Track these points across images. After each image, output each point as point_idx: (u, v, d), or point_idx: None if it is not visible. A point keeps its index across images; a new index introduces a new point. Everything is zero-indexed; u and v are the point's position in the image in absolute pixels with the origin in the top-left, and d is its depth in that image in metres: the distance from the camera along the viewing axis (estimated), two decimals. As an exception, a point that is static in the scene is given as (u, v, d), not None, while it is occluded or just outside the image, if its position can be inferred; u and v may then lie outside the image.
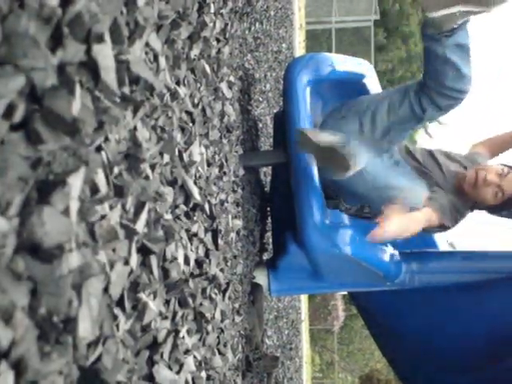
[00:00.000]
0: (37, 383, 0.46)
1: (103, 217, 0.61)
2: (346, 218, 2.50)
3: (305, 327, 12.84)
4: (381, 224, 1.71)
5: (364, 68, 2.46)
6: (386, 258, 2.20)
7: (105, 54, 0.60)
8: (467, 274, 2.30)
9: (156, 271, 0.79)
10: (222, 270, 1.33)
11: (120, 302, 0.67)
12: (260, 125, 2.83)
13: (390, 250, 2.22)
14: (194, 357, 0.98)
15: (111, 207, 0.64)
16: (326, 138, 1.91)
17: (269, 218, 2.84)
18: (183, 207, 1.00)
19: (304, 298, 12.26)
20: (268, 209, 2.79)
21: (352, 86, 2.39)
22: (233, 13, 1.75)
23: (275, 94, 3.80)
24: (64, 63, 0.54)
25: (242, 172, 1.87)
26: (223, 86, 1.49)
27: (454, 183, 2.15)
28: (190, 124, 1.09)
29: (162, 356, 0.81)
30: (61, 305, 0.49)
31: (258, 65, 2.81)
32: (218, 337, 1.26)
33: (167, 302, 0.88)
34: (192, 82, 1.11)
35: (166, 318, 0.85)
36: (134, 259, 0.70)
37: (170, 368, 0.84)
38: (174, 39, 0.95)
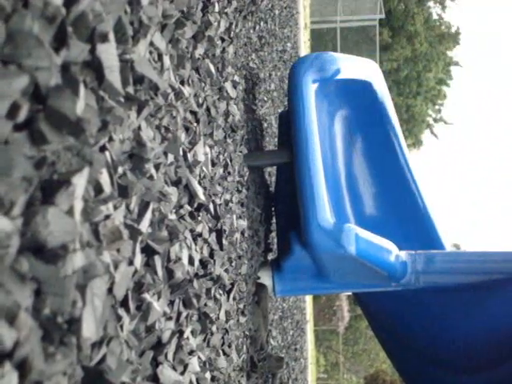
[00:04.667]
0: (41, 384, 0.46)
1: (107, 217, 0.61)
2: (350, 219, 2.49)
3: (310, 328, 12.83)
4: None
5: (369, 67, 2.45)
6: (391, 258, 2.19)
7: (109, 53, 0.59)
8: (472, 274, 2.29)
9: (160, 271, 0.78)
10: (226, 271, 1.33)
11: (124, 303, 0.67)
12: (265, 124, 2.83)
13: (395, 250, 2.21)
14: (199, 357, 0.98)
15: (115, 207, 0.64)
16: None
17: (273, 218, 2.83)
18: (187, 207, 1.00)
19: (309, 298, 12.25)
20: (273, 209, 2.79)
21: (357, 86, 2.38)
22: (237, 12, 1.74)
23: (280, 94, 3.79)
24: (68, 63, 0.54)
25: (246, 172, 1.87)
26: (228, 85, 1.49)
27: None
28: (195, 124, 1.08)
29: (166, 357, 0.80)
30: (65, 305, 0.49)
31: (262, 64, 2.80)
32: (222, 337, 1.25)
33: (171, 303, 0.87)
34: (196, 82, 1.11)
35: (170, 318, 0.85)
36: (139, 259, 0.70)
37: (174, 369, 0.84)
38: (178, 38, 0.95)
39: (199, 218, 1.06)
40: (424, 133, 22.79)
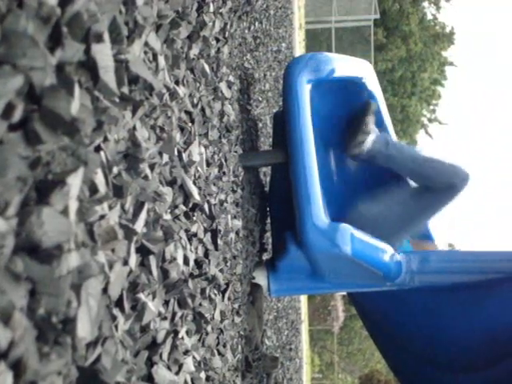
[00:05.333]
0: (35, 384, 0.46)
1: (102, 217, 0.61)
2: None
3: (304, 328, 12.84)
4: None
5: (364, 68, 2.46)
6: (386, 258, 2.19)
7: (104, 53, 0.59)
8: (467, 274, 2.30)
9: (155, 271, 0.79)
10: (221, 271, 1.33)
11: (119, 303, 0.67)
12: (259, 124, 2.83)
13: (390, 250, 2.22)
14: (194, 357, 0.98)
15: (110, 207, 0.64)
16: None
17: (268, 218, 2.83)
18: (182, 207, 1.00)
19: (304, 298, 12.26)
20: (267, 209, 2.79)
21: (352, 86, 2.38)
22: (232, 12, 1.74)
23: (275, 94, 3.79)
24: (63, 63, 0.54)
25: (241, 172, 1.87)
26: (222, 85, 1.49)
27: None
28: (190, 124, 1.08)
29: (161, 357, 0.81)
30: (60, 305, 0.49)
31: (257, 64, 2.80)
32: (217, 337, 1.26)
33: (166, 303, 0.87)
34: (191, 82, 1.11)
35: (165, 318, 0.85)
36: (133, 259, 0.70)
37: (169, 369, 0.84)
38: (173, 39, 0.95)
39: (194, 218, 1.06)
40: (419, 133, 22.87)
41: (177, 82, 1.00)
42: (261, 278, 2.32)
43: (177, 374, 0.87)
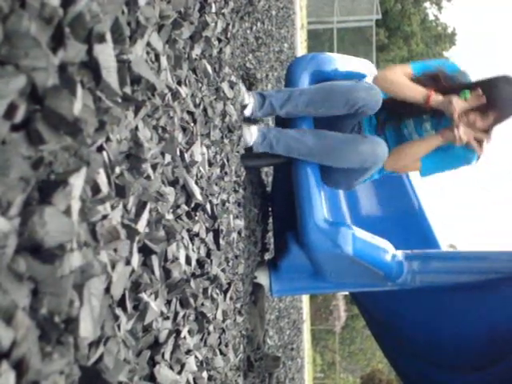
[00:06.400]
0: (38, 383, 0.46)
1: (105, 217, 0.61)
2: (347, 219, 2.50)
3: (306, 327, 12.84)
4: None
5: (365, 68, 2.46)
6: (388, 258, 2.20)
7: (106, 53, 0.59)
8: (468, 274, 2.30)
9: (157, 271, 0.79)
10: (223, 270, 1.33)
11: (121, 302, 0.67)
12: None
13: (391, 250, 2.22)
14: (196, 357, 0.98)
15: (113, 207, 0.64)
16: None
17: (270, 218, 2.83)
18: (185, 207, 1.00)
19: (305, 298, 12.26)
20: (269, 209, 2.79)
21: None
22: (234, 12, 1.75)
23: (277, 94, 3.79)
24: (65, 63, 0.54)
25: (243, 172, 1.87)
26: (225, 85, 1.49)
27: None
28: (192, 124, 1.09)
29: (163, 356, 0.81)
30: (62, 305, 0.49)
31: (259, 65, 2.80)
32: (219, 337, 1.26)
33: (168, 302, 0.88)
34: (193, 82, 1.11)
35: (167, 318, 0.85)
36: (136, 259, 0.70)
37: (171, 368, 0.84)
38: (175, 39, 0.95)
39: (196, 218, 1.06)
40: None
41: (179, 83, 1.00)
42: (263, 277, 2.32)
43: (179, 373, 0.87)
